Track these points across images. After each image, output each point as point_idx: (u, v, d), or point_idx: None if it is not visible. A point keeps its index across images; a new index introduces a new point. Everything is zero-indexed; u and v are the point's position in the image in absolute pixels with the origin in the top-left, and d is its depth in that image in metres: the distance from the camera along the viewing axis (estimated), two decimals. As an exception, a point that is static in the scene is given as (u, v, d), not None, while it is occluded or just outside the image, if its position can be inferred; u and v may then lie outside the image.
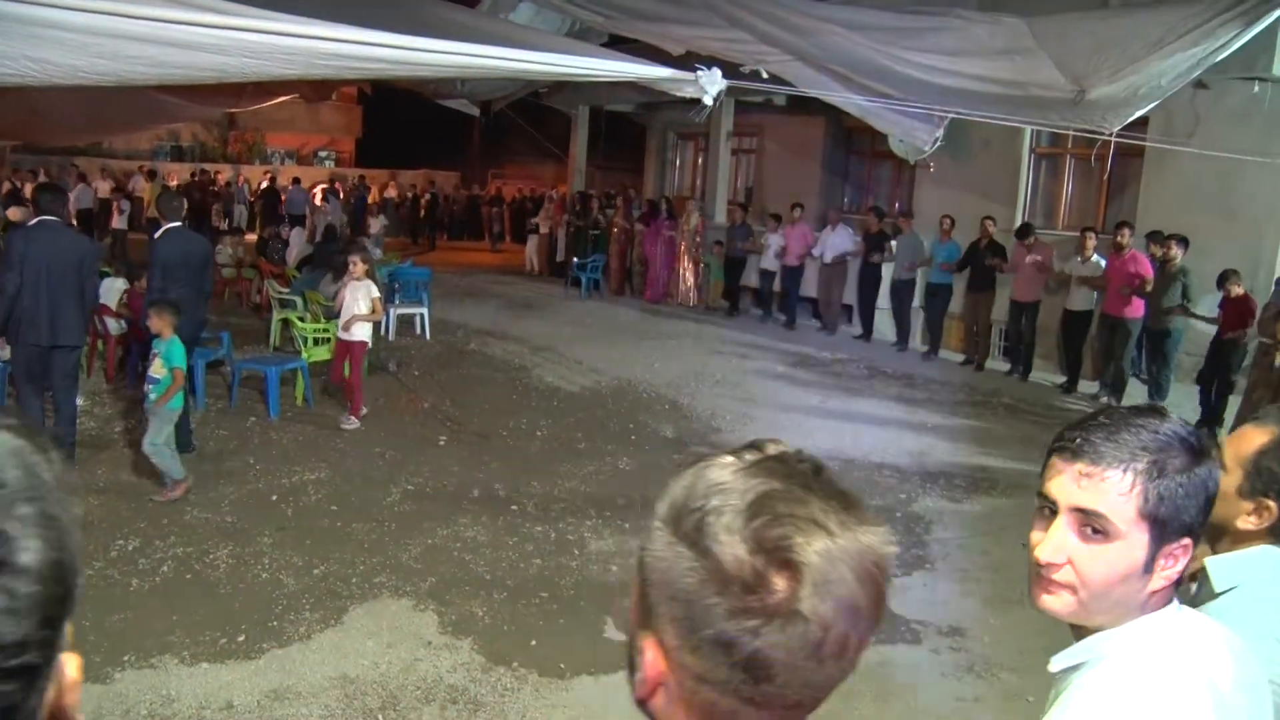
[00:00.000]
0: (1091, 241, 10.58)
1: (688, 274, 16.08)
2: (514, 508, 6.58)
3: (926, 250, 12.61)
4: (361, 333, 8.26)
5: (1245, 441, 1.75)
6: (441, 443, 8.04)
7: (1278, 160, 9.33)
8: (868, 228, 13.50)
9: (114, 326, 9.29)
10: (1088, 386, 10.91)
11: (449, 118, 20.67)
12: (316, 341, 9.37)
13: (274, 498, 6.56)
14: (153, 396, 6.32)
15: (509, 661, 4.57)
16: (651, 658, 0.84)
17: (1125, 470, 1.23)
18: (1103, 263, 10.40)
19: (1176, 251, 9.67)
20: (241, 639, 4.63)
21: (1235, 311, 9.13)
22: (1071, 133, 9.86)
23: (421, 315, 12.52)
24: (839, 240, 13.88)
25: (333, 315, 10.01)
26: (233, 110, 20.82)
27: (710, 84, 6.13)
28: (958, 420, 9.51)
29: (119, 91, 8.98)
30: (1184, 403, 9.64)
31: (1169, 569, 1.26)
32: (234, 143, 30.30)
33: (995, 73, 8.43)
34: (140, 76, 5.35)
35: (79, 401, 8.51)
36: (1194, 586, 1.76)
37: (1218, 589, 1.69)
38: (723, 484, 0.82)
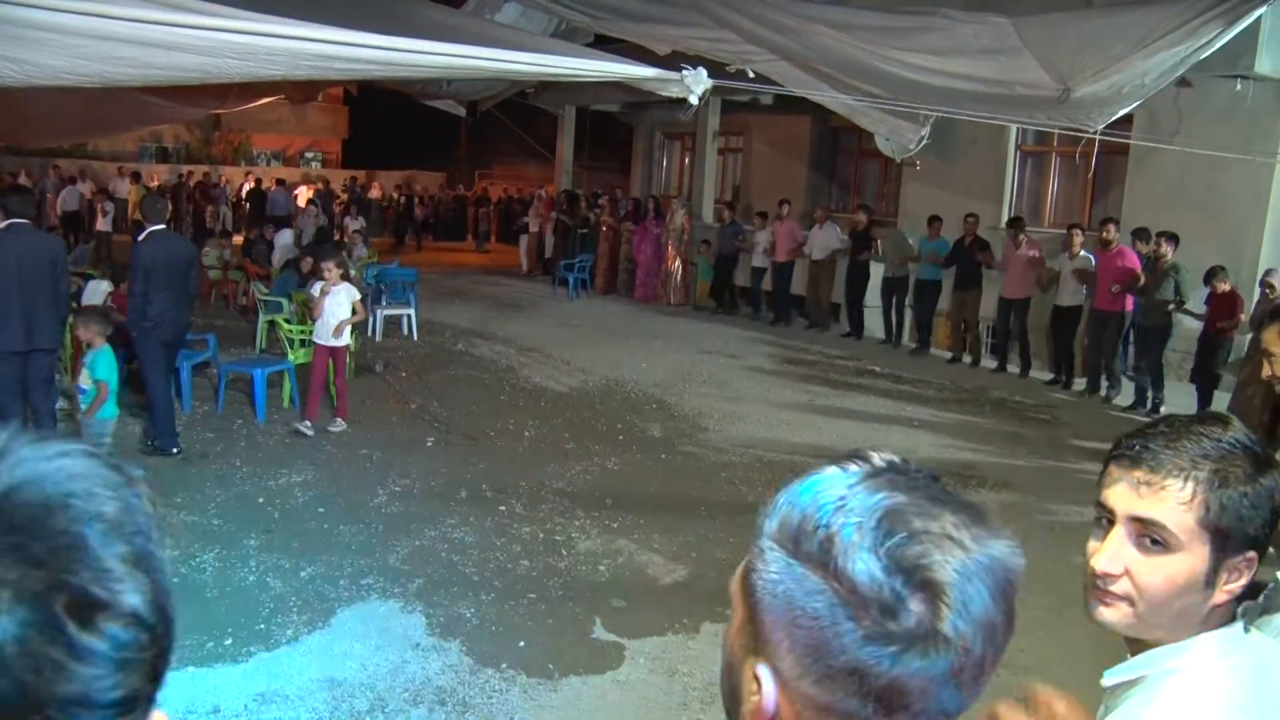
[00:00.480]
0: (1079, 238, 10.61)
1: (675, 273, 16.09)
2: (502, 508, 6.57)
3: (914, 247, 12.64)
4: (348, 336, 8.24)
5: None
6: (429, 444, 8.02)
7: (1260, 157, 9.40)
8: (854, 225, 13.52)
9: (99, 329, 9.23)
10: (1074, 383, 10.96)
11: (435, 118, 20.66)
12: (303, 344, 9.34)
13: (260, 500, 6.53)
14: (82, 408, 6.32)
15: (497, 663, 4.56)
16: (767, 689, 0.78)
17: (1186, 479, 1.18)
18: (1092, 259, 10.44)
19: (1167, 249, 9.70)
20: (228, 642, 4.61)
21: (1222, 308, 9.17)
22: (1057, 131, 9.91)
23: (408, 316, 12.49)
24: (827, 238, 13.92)
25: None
26: (218, 111, 20.72)
27: (696, 83, 6.14)
28: (945, 416, 9.54)
29: (103, 93, 8.92)
30: (1173, 399, 9.70)
31: (1232, 583, 1.21)
32: (219, 144, 30.18)
33: (981, 72, 8.46)
34: (123, 78, 5.33)
35: (60, 404, 8.48)
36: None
37: None
38: (845, 499, 0.77)
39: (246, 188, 25.59)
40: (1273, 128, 10.24)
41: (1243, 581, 1.20)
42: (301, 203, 25.12)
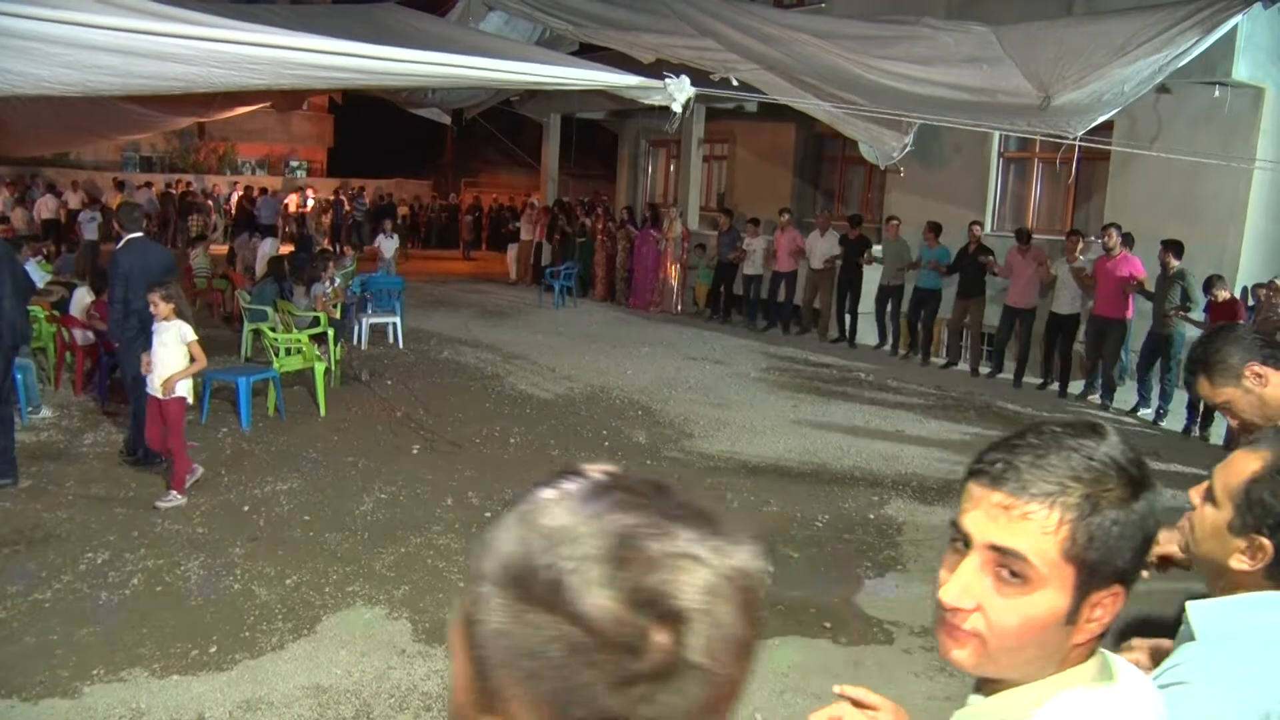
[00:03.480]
0: (1079, 244, 10.57)
1: (673, 281, 16.04)
2: (487, 515, 6.58)
3: (914, 254, 12.60)
4: (180, 389, 6.54)
5: (1235, 470, 1.55)
6: (415, 451, 8.02)
7: (1238, 163, 9.49)
8: (846, 234, 13.51)
9: (81, 338, 9.21)
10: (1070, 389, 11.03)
11: (421, 126, 20.67)
12: (288, 352, 9.34)
13: (246, 508, 6.52)
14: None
15: (483, 669, 4.55)
16: None
17: (1052, 504, 1.04)
18: (1091, 263, 10.45)
19: (1171, 259, 9.69)
20: (213, 650, 4.60)
21: (1222, 316, 9.00)
22: (1038, 138, 9.98)
23: (394, 324, 12.49)
24: (828, 246, 13.83)
25: (304, 326, 10.00)
26: (202, 120, 20.71)
27: (679, 91, 6.17)
28: (933, 424, 9.58)
29: (86, 101, 8.92)
30: (1178, 409, 9.74)
31: (1095, 620, 1.08)
32: (204, 153, 30.12)
33: (963, 80, 8.52)
34: (107, 87, 5.33)
35: (46, 413, 8.46)
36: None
37: (1200, 638, 1.49)
38: (567, 528, 0.69)
39: (236, 196, 25.60)
40: (1250, 133, 10.36)
41: (1107, 619, 1.09)
42: (293, 209, 25.25)
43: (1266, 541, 1.48)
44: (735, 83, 8.91)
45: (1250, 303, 9.59)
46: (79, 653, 4.52)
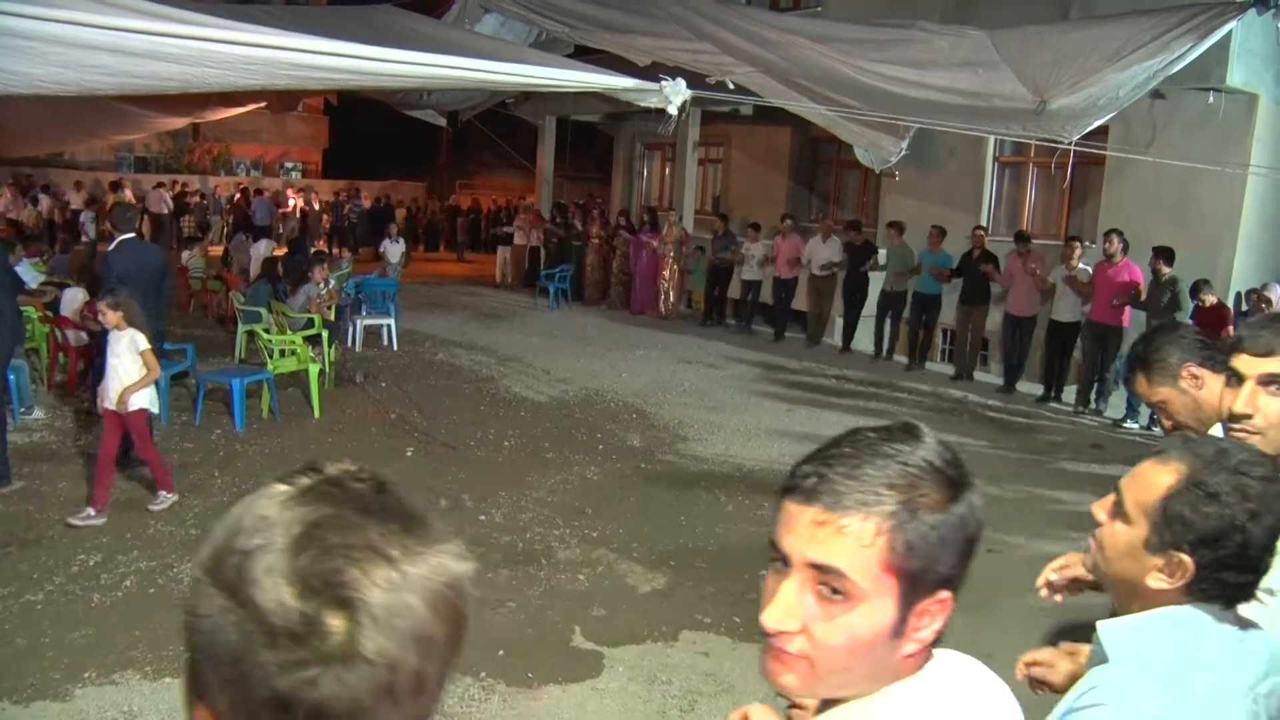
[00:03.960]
0: (1078, 250, 10.52)
1: (671, 285, 15.90)
2: (481, 518, 6.57)
3: (916, 260, 12.44)
4: (140, 400, 6.20)
5: (1146, 484, 1.49)
6: (409, 454, 8.01)
7: (1232, 169, 9.52)
8: (850, 241, 13.32)
9: (74, 339, 9.18)
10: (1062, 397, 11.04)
11: (416, 128, 20.66)
12: (283, 353, 9.32)
13: (239, 510, 6.49)
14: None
15: (476, 672, 4.55)
16: None
17: (868, 515, 1.00)
18: (1089, 270, 10.42)
19: (1161, 264, 9.69)
20: (205, 653, 4.58)
21: (1208, 321, 8.99)
22: (1033, 142, 10.00)
23: (388, 326, 12.47)
24: (829, 251, 13.60)
25: (298, 327, 9.98)
26: (197, 120, 20.68)
27: (674, 94, 6.17)
28: (933, 429, 9.55)
29: (81, 101, 8.90)
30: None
31: (924, 629, 1.05)
32: (199, 154, 30.07)
33: (958, 84, 8.54)
34: (101, 86, 5.31)
35: (38, 413, 8.43)
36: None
37: (1113, 659, 1.47)
38: (267, 518, 0.72)
39: (236, 197, 25.56)
40: (1244, 139, 10.38)
41: (936, 626, 1.06)
42: (294, 211, 25.26)
43: (1187, 558, 1.42)
44: (731, 86, 8.91)
45: (1244, 308, 9.61)
46: (71, 655, 4.50)
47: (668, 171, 19.71)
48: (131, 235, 7.31)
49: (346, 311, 12.00)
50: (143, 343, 6.19)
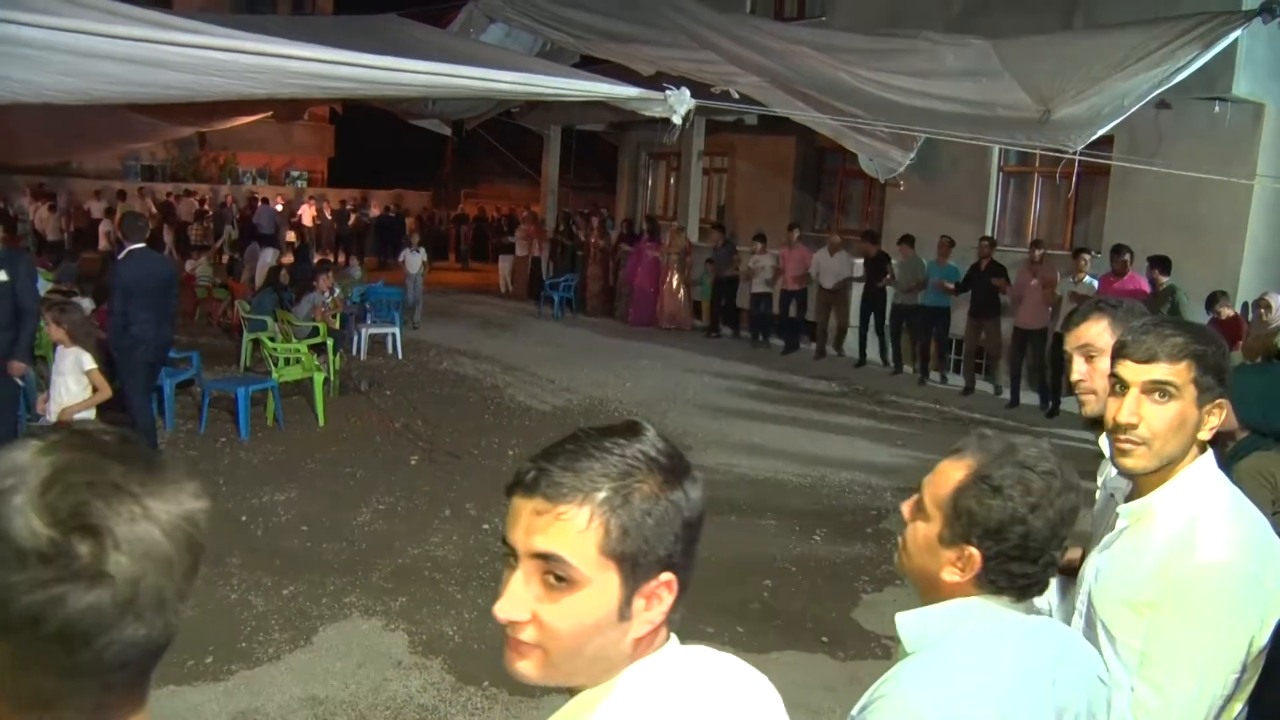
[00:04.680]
0: (1085, 262, 10.32)
1: (677, 296, 15.71)
2: (485, 527, 6.57)
3: (924, 273, 12.24)
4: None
5: (941, 480, 1.54)
6: (413, 462, 8.01)
7: (1238, 179, 9.50)
8: (866, 253, 13.05)
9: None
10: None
11: (421, 137, 20.69)
12: (287, 361, 9.33)
13: (243, 518, 6.51)
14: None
15: (479, 681, 4.54)
16: None
17: (583, 502, 1.05)
18: (1095, 283, 10.25)
19: (1158, 273, 9.61)
20: (209, 660, 4.58)
21: (1225, 335, 8.82)
22: (1038, 152, 9.99)
23: (393, 335, 12.49)
24: (839, 265, 13.40)
25: (303, 336, 10.00)
26: (204, 129, 20.75)
27: (679, 103, 6.19)
28: (931, 439, 9.56)
29: (88, 110, 8.93)
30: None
31: (650, 611, 1.10)
32: (205, 162, 30.15)
33: (962, 93, 8.54)
34: (108, 95, 5.34)
35: (46, 419, 8.44)
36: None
37: (908, 649, 1.53)
38: (20, 464, 0.81)
39: (245, 206, 25.60)
40: (1250, 149, 10.37)
41: (663, 608, 1.10)
42: (308, 221, 25.33)
43: (975, 551, 1.47)
44: (736, 95, 8.93)
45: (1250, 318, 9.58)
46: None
47: (673, 181, 19.71)
48: (141, 245, 7.32)
49: (351, 320, 12.02)
50: (88, 362, 5.88)
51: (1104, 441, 2.02)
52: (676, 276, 15.71)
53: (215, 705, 4.21)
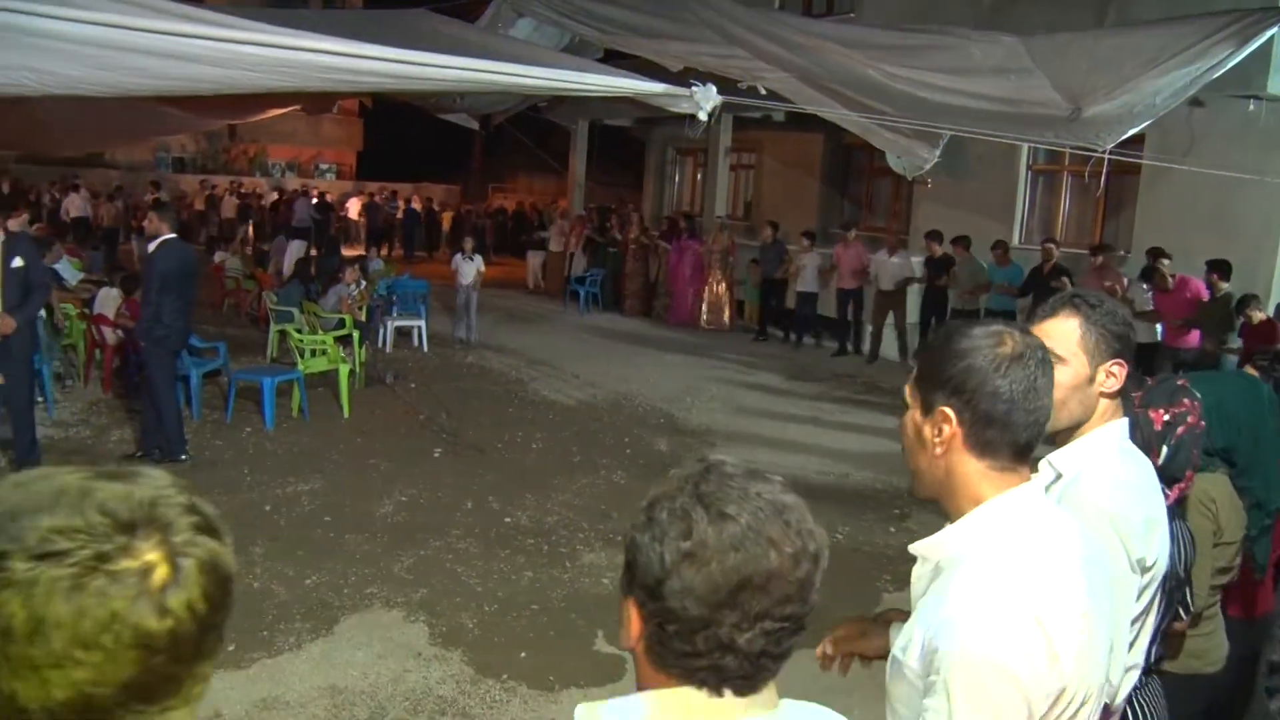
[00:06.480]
0: (1166, 265, 9.74)
1: (718, 296, 15.40)
2: (507, 520, 6.59)
3: (985, 276, 11.80)
4: None
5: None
6: (436, 455, 8.05)
7: (1273, 179, 9.36)
8: (931, 253, 12.43)
9: (111, 336, 9.30)
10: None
11: (450, 131, 20.74)
12: (314, 353, 9.39)
13: (267, 508, 6.56)
14: None
15: (498, 673, 4.56)
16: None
17: None
18: (1147, 289, 9.91)
19: (1216, 278, 9.35)
20: (231, 648, 4.62)
21: (1258, 339, 8.43)
22: (1067, 150, 9.87)
23: (419, 328, 12.55)
24: (896, 268, 12.84)
25: (330, 327, 10.06)
26: (234, 122, 20.91)
27: (705, 99, 6.17)
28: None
29: (120, 102, 9.02)
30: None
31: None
32: (235, 154, 30.39)
33: (992, 90, 8.46)
34: (138, 88, 5.39)
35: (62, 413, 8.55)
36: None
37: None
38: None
39: (274, 198, 25.78)
40: (1285, 149, 10.21)
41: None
42: (355, 214, 25.47)
43: (633, 609, 1.15)
44: (763, 91, 8.89)
45: None
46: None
47: (699, 176, 19.68)
48: (173, 236, 7.39)
49: (377, 312, 12.08)
50: None
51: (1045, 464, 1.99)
52: (718, 276, 15.40)
53: (236, 693, 4.25)
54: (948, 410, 1.50)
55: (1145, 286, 10.00)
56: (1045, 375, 1.49)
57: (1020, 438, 1.49)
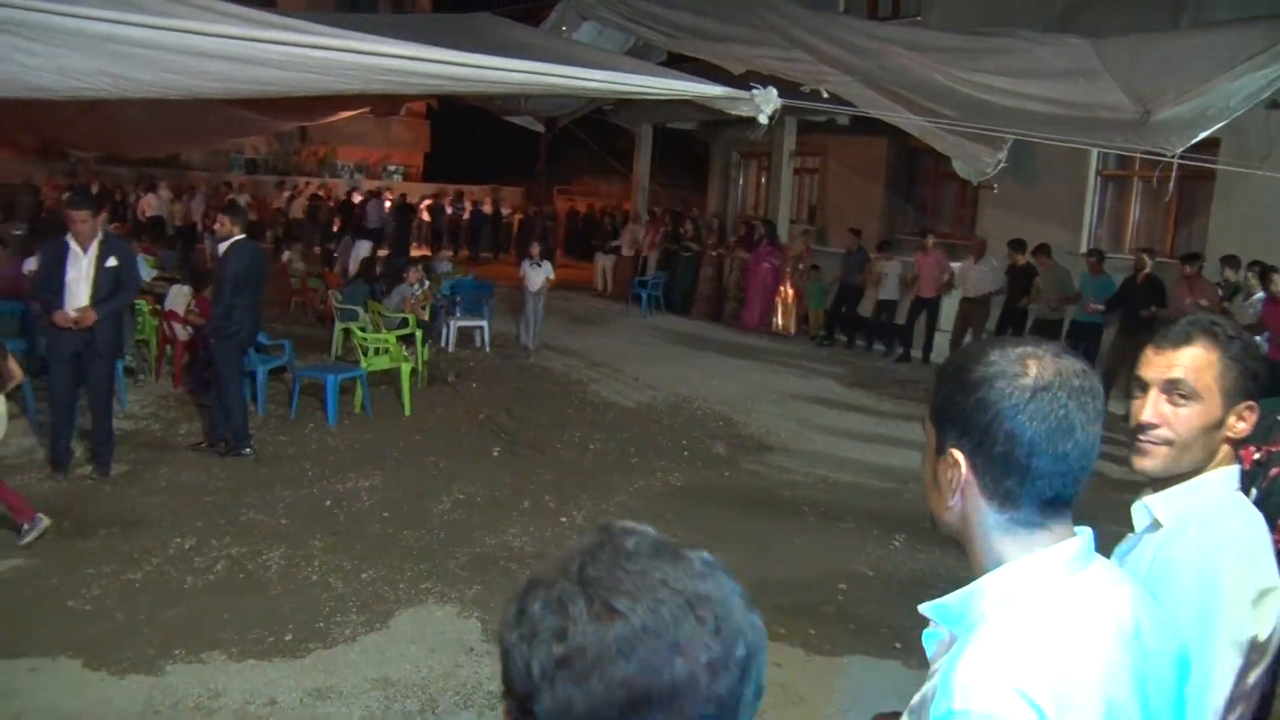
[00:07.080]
0: (1255, 279, 9.40)
1: (789, 302, 15.30)
2: (563, 519, 6.64)
3: (1076, 285, 11.37)
4: None
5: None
6: (495, 454, 8.13)
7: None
8: (1013, 261, 12.06)
9: (182, 332, 9.54)
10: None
11: (516, 134, 20.93)
12: (377, 351, 9.55)
13: (328, 503, 6.69)
14: None
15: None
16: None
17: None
18: (1259, 302, 9.43)
19: (1253, 279, 9.14)
20: (289, 638, 4.73)
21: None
22: (1138, 155, 9.67)
23: (481, 329, 12.68)
24: (982, 275, 12.47)
25: (393, 326, 10.22)
26: (305, 124, 21.31)
27: (765, 103, 6.17)
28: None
29: (195, 105, 9.28)
30: None
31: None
32: (305, 155, 30.97)
33: (1058, 94, 8.32)
34: (208, 91, 5.54)
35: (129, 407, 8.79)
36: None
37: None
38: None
39: (356, 199, 26.14)
40: (1368, 155, 9.88)
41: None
42: (426, 215, 25.85)
43: (957, 453, 1.28)
44: (825, 95, 8.84)
45: None
46: (163, 632, 4.69)
47: (763, 180, 19.62)
48: (243, 236, 7.59)
49: (441, 313, 12.24)
50: None
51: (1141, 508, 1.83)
52: (791, 282, 15.30)
53: (291, 681, 4.34)
54: (957, 454, 1.27)
55: (1252, 299, 9.52)
56: (1083, 409, 1.23)
57: (1045, 491, 1.24)
